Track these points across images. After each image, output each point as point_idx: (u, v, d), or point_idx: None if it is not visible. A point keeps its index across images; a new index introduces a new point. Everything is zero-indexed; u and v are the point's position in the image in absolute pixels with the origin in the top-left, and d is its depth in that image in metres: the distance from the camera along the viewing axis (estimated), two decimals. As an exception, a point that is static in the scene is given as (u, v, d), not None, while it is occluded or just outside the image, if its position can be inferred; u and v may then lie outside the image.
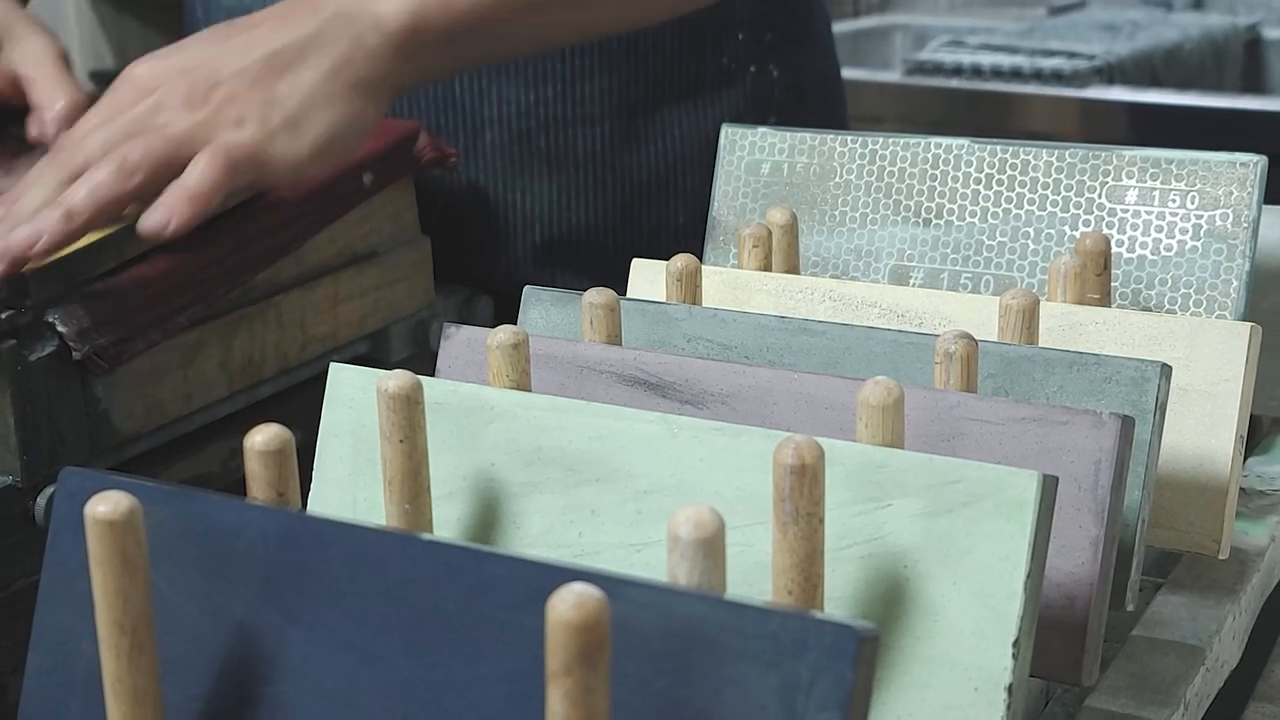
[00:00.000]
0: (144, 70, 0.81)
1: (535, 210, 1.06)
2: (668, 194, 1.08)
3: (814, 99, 1.14)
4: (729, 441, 0.53)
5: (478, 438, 0.57)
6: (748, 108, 1.09)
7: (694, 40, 1.06)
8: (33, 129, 0.88)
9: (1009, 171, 0.74)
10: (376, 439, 0.54)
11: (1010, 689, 0.48)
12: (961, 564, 0.48)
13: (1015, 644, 0.48)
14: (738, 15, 1.08)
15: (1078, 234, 0.72)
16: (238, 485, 0.56)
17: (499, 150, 1.05)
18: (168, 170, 0.75)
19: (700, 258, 0.80)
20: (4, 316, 0.69)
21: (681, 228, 1.08)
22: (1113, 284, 0.71)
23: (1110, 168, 0.72)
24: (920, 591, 0.49)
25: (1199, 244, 0.70)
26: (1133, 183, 0.72)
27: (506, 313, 1.01)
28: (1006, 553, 0.48)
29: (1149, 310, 0.70)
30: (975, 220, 0.75)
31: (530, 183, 1.06)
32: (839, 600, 0.50)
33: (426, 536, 0.46)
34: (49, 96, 0.88)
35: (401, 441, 0.54)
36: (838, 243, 0.77)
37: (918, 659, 0.49)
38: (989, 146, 0.75)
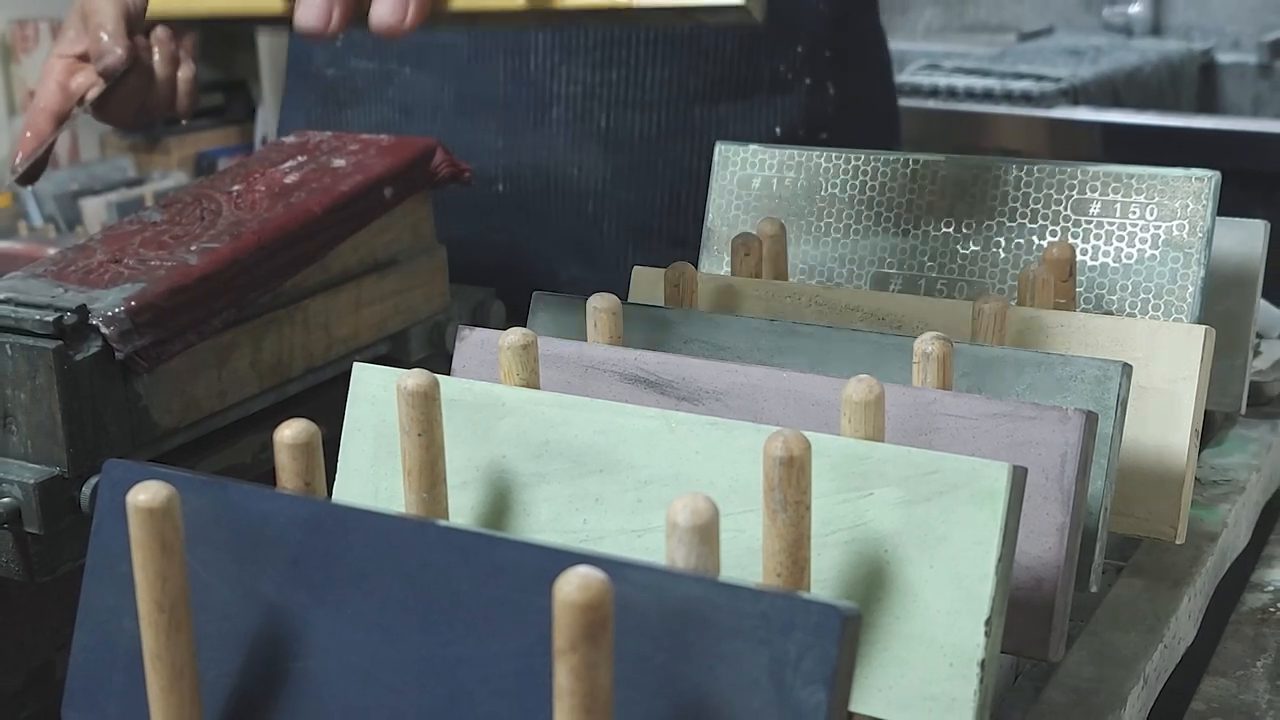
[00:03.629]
0: None
1: (589, 184, 1.05)
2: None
3: (866, 119, 1.12)
4: (723, 435, 0.53)
5: (490, 432, 0.57)
6: (801, 118, 1.08)
7: (754, 46, 1.05)
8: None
9: (981, 185, 0.74)
10: (396, 433, 0.54)
11: (983, 664, 0.48)
12: (938, 549, 0.48)
13: (987, 623, 0.48)
14: (800, 29, 1.07)
15: (1045, 243, 0.72)
16: (268, 476, 0.56)
17: (563, 125, 1.04)
18: None
19: (698, 265, 0.80)
20: (51, 320, 0.69)
21: None
22: (1078, 290, 0.71)
23: (1075, 182, 0.72)
24: (899, 574, 0.49)
25: (1157, 253, 0.70)
26: (1096, 196, 0.72)
27: (517, 315, 1.01)
28: (979, 538, 0.48)
29: (1111, 314, 0.70)
30: (950, 230, 0.75)
31: (587, 158, 1.05)
32: (824, 582, 0.50)
33: (442, 523, 0.46)
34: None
35: (420, 435, 0.54)
36: (823, 251, 0.77)
37: (897, 637, 0.49)
38: (963, 162, 0.75)
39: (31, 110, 0.99)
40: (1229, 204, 0.73)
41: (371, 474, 0.60)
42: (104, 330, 0.71)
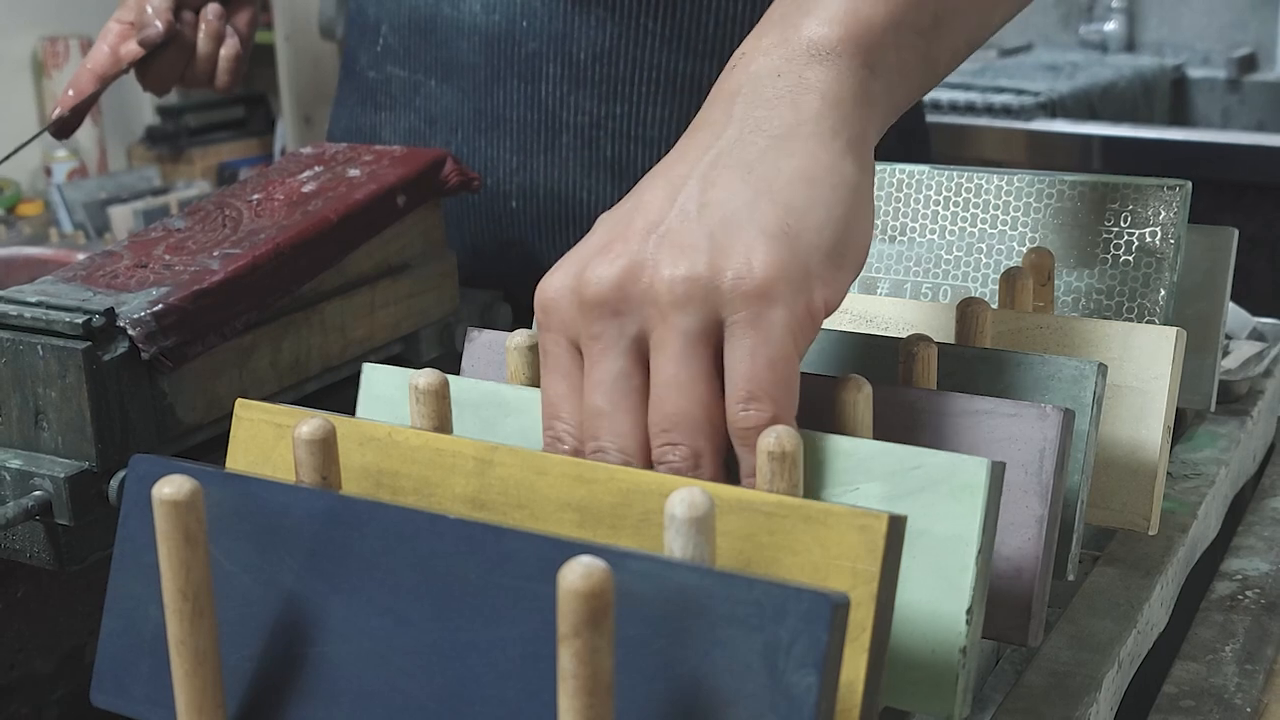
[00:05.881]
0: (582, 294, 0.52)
1: (598, 208, 1.05)
2: None
3: (896, 140, 1.11)
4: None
5: (496, 428, 0.57)
6: None
7: None
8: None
9: (964, 194, 0.74)
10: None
11: (964, 650, 0.48)
12: (920, 540, 0.48)
13: (968, 611, 0.48)
14: None
15: (1025, 249, 0.72)
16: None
17: (573, 151, 1.04)
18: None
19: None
20: (80, 322, 0.69)
21: None
22: (1055, 293, 0.71)
23: (1054, 191, 0.72)
24: (886, 564, 0.49)
25: (1131, 258, 0.70)
26: (1073, 204, 0.72)
27: (523, 318, 1.01)
28: (960, 530, 0.48)
29: (1087, 316, 0.70)
30: (935, 237, 0.75)
31: (596, 184, 1.05)
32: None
33: (452, 515, 0.46)
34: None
35: (433, 430, 0.54)
36: (814, 257, 0.77)
37: (884, 623, 0.49)
38: (947, 172, 0.75)
39: (79, 69, 1.01)
40: (1199, 212, 0.73)
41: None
42: (131, 332, 0.71)
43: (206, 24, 1.03)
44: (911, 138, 1.14)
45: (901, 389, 0.55)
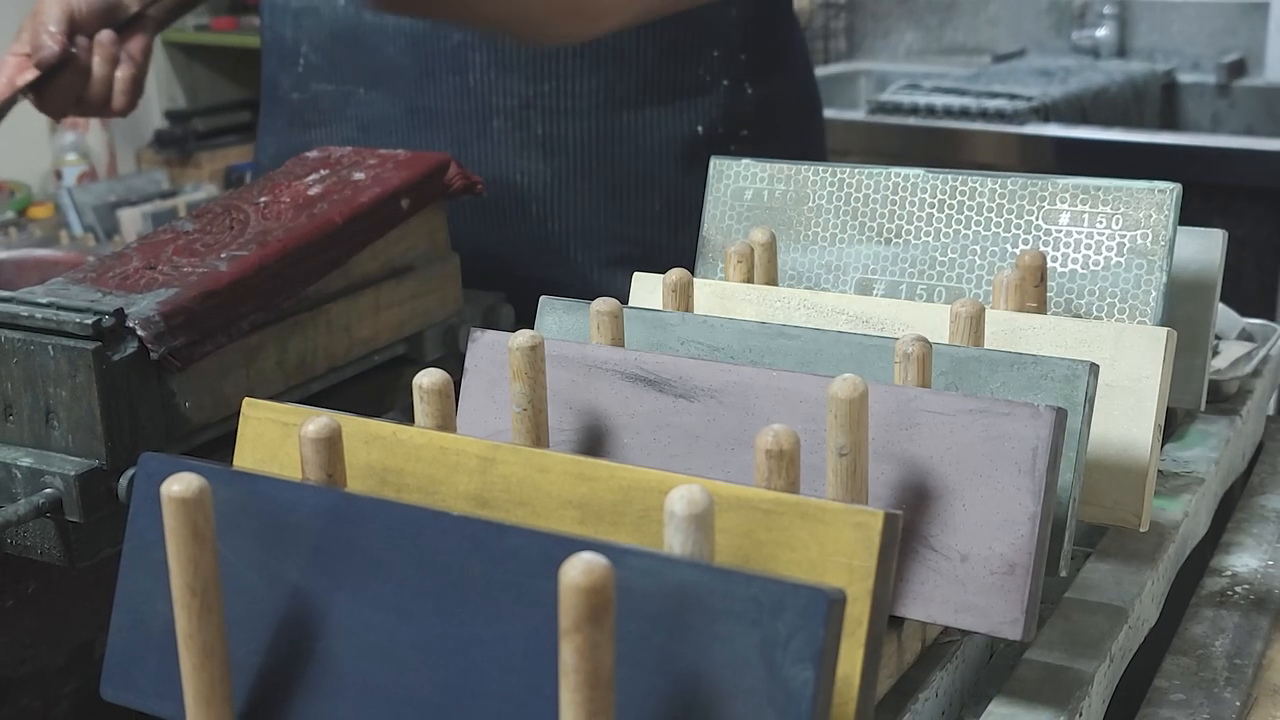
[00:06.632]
0: None
1: (533, 189, 1.06)
2: (648, 185, 1.08)
3: (786, 118, 1.13)
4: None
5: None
6: (721, 118, 1.08)
7: (673, 52, 1.06)
8: None
9: (959, 197, 0.74)
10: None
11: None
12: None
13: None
14: (715, 35, 1.07)
15: (1018, 251, 0.72)
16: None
17: (505, 134, 1.06)
18: None
19: (694, 272, 0.80)
20: (90, 323, 0.69)
21: (658, 214, 1.08)
22: (1048, 294, 0.70)
23: (1046, 194, 0.72)
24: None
25: (1123, 260, 0.70)
26: (1065, 207, 0.72)
27: (525, 319, 1.01)
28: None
29: (1079, 317, 0.70)
30: (929, 239, 0.75)
31: (530, 164, 1.06)
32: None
33: (455, 512, 0.46)
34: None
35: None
36: (811, 259, 0.77)
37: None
38: (941, 175, 0.75)
39: None
40: (1189, 214, 0.73)
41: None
42: (140, 332, 0.71)
43: (100, 48, 1.05)
44: (799, 114, 1.14)
45: (898, 388, 0.55)
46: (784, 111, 1.13)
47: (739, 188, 0.80)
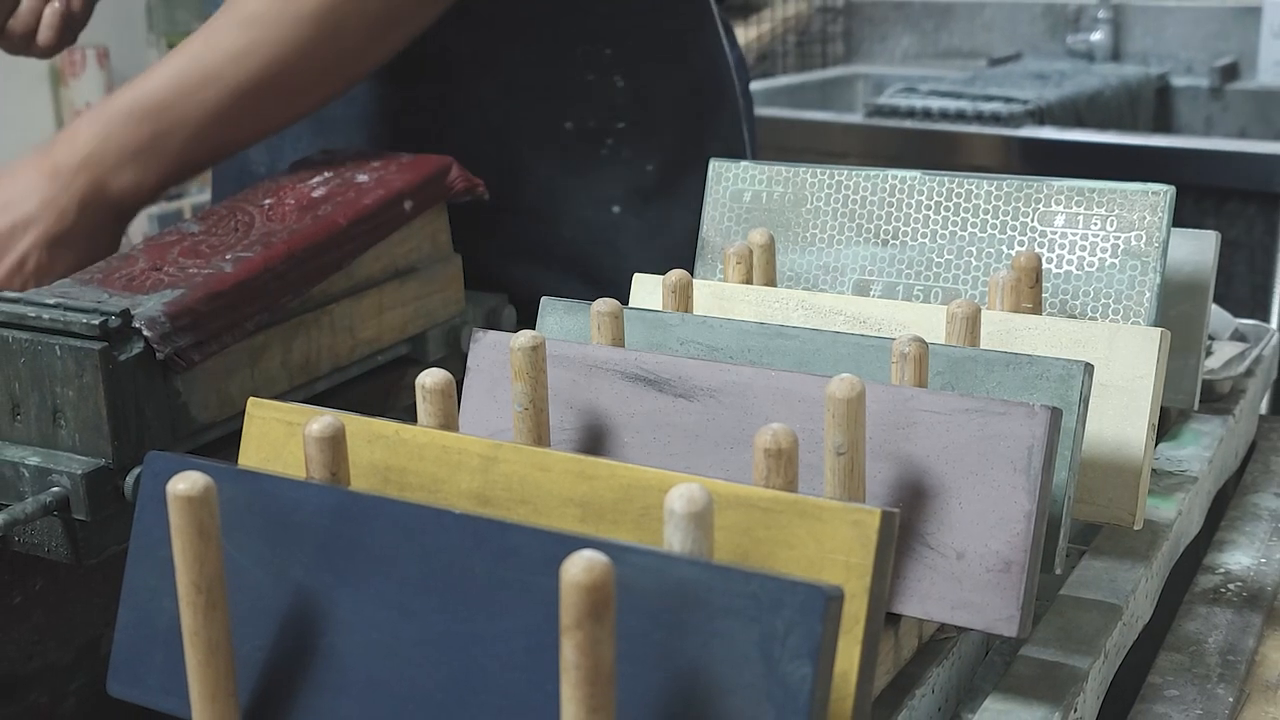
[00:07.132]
0: None
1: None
2: (524, 180, 1.09)
3: (661, 109, 1.10)
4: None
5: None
6: (590, 112, 1.08)
7: (539, 53, 1.06)
8: None
9: (955, 199, 0.74)
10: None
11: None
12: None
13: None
14: (576, 34, 1.07)
15: (1013, 252, 0.72)
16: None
17: (421, 134, 1.07)
18: None
19: (693, 273, 0.80)
20: (97, 323, 0.69)
21: (535, 208, 1.09)
22: (1043, 295, 0.71)
23: (1041, 196, 0.72)
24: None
25: (1117, 261, 0.70)
26: (1060, 209, 0.72)
27: (527, 320, 1.01)
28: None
29: (1074, 317, 0.70)
30: (926, 240, 0.75)
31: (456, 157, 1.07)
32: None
33: (458, 511, 0.46)
34: None
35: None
36: (809, 260, 0.77)
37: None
38: (938, 177, 0.75)
39: None
40: (1183, 216, 0.73)
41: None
42: (146, 333, 0.71)
43: None
44: (681, 104, 1.13)
45: (894, 388, 0.55)
46: (659, 102, 1.10)
47: (737, 190, 0.80)
